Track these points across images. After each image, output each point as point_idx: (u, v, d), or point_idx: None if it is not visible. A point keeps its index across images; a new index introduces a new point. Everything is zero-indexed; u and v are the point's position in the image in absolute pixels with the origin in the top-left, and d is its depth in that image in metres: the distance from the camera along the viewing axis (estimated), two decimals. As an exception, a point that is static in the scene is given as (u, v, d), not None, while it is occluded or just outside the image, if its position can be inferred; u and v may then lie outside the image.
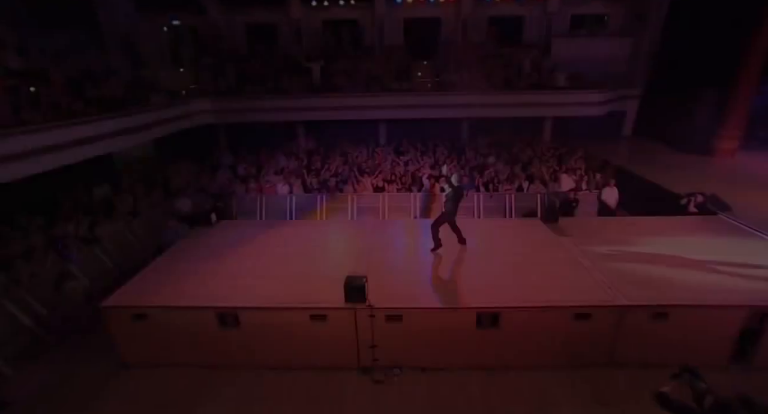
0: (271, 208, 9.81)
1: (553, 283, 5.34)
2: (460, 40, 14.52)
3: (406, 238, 7.19)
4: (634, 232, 6.89)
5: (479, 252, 6.46)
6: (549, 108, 12.90)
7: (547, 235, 6.92)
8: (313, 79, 13.24)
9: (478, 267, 6.01)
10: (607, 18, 14.71)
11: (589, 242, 6.50)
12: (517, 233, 7.07)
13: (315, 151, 12.93)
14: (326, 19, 14.92)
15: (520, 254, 6.22)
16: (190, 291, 5.35)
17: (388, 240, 7.03)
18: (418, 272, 5.94)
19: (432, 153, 12.25)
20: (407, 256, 6.49)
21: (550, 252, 6.27)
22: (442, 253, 6.42)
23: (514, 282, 5.42)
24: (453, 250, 6.52)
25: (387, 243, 6.90)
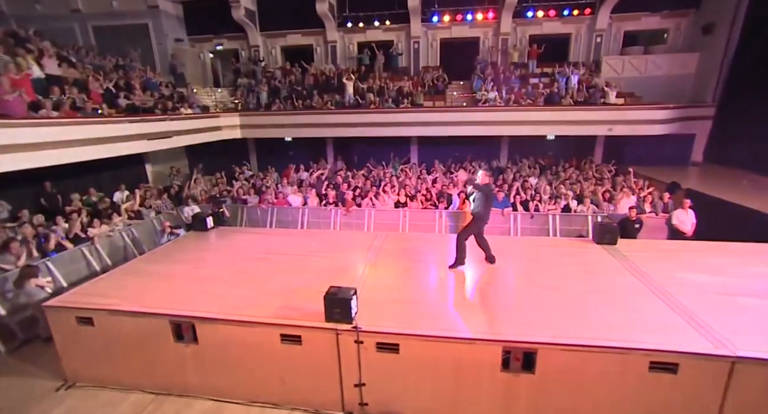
0: (283, 219, 9.08)
1: (617, 317, 3.85)
2: (499, 60, 13.73)
3: (421, 252, 5.97)
4: (725, 258, 5.20)
5: (513, 272, 5.10)
6: (600, 126, 11.42)
7: (605, 256, 5.41)
8: (345, 96, 12.88)
9: (509, 290, 4.65)
10: (666, 35, 13.32)
11: (664, 268, 4.92)
12: (565, 253, 5.62)
13: (341, 169, 12.30)
14: (361, 42, 14.87)
15: (568, 277, 4.77)
16: (152, 295, 4.47)
17: (400, 253, 5.85)
18: (428, 291, 4.69)
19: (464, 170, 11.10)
20: (419, 271, 5.25)
21: (610, 277, 4.77)
22: (464, 272, 5.12)
23: (558, 311, 3.99)
24: (478, 268, 5.22)
25: (397, 256, 5.73)
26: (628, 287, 4.51)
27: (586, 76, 12.53)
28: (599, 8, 12.74)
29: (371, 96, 12.77)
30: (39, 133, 6.63)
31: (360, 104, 12.65)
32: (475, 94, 12.63)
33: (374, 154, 13.18)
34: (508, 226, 8.48)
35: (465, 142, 13.31)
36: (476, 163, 12.15)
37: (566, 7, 12.87)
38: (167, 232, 6.62)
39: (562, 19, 13.25)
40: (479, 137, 13.14)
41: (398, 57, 14.60)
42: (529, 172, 10.89)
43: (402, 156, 13.57)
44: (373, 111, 12.43)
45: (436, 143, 13.80)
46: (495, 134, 12.66)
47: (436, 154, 13.36)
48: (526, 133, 11.95)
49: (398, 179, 10.55)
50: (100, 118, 8.07)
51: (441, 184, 9.95)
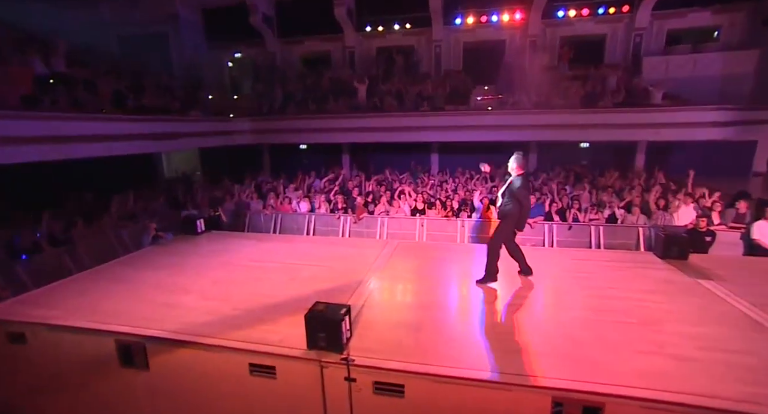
0: (288, 226, 8.28)
1: (711, 357, 2.71)
2: (527, 64, 12.78)
3: (439, 264, 4.96)
4: None
5: (557, 290, 4.01)
6: (643, 130, 10.16)
7: (678, 274, 4.24)
8: (358, 99, 12.24)
9: (556, 314, 3.55)
10: (718, 32, 12.04)
11: (763, 292, 3.71)
12: (622, 268, 4.47)
13: (357, 176, 11.47)
14: (381, 46, 14.33)
15: (637, 301, 3.64)
16: (104, 307, 3.66)
17: (413, 264, 4.86)
18: (446, 313, 3.66)
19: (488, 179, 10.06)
20: (435, 287, 4.23)
21: (695, 301, 3.61)
22: (495, 288, 4.08)
23: (631, 348, 2.88)
24: (512, 283, 4.17)
25: (409, 267, 4.74)
26: (718, 315, 3.34)
27: (624, 78, 11.36)
28: (639, 5, 11.68)
29: (390, 100, 12.05)
30: (29, 126, 6.17)
31: (377, 107, 11.93)
32: (501, 97, 11.67)
33: (391, 162, 12.31)
34: (541, 238, 7.35)
35: (490, 149, 12.27)
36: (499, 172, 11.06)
37: (601, 5, 11.89)
38: (152, 234, 5.90)
39: (596, 19, 12.25)
40: (505, 144, 12.09)
41: (418, 63, 13.93)
42: (563, 181, 9.70)
43: (423, 165, 12.67)
44: (391, 114, 11.68)
45: (457, 151, 12.84)
46: (523, 139, 11.57)
47: (458, 162, 12.36)
48: (559, 138, 10.83)
49: (415, 186, 9.62)
50: (98, 115, 7.62)
51: (463, 191, 8.93)
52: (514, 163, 4.05)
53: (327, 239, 6.18)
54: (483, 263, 4.18)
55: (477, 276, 4.22)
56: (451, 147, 12.91)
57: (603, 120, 10.24)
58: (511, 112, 10.95)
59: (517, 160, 4.04)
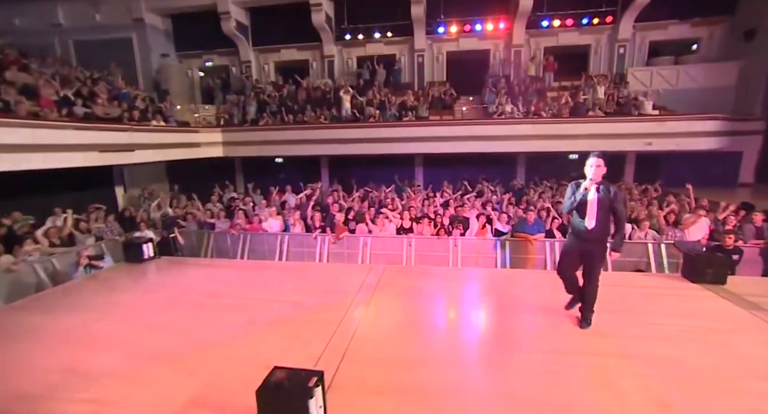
0: (257, 249, 7.29)
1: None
2: (512, 74, 12.46)
3: (438, 297, 4.13)
4: None
5: (601, 333, 3.23)
6: (633, 140, 9.81)
7: (725, 304, 3.56)
8: (343, 111, 11.52)
9: (593, 360, 2.75)
10: (697, 44, 12.06)
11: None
12: (658, 298, 3.76)
13: (335, 190, 10.59)
14: (361, 56, 13.77)
15: (693, 345, 2.90)
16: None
17: (404, 295, 4.01)
18: (455, 377, 2.79)
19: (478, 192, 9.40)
20: (437, 334, 3.39)
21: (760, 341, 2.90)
22: (522, 331, 3.28)
23: (687, 406, 2.11)
24: (542, 316, 3.38)
25: (400, 299, 3.89)
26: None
27: (612, 89, 11.09)
28: (621, 17, 11.58)
29: (371, 110, 11.38)
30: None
31: (357, 118, 11.23)
32: (488, 108, 11.20)
33: (374, 176, 11.54)
34: (543, 257, 6.64)
35: (476, 161, 11.76)
36: (492, 184, 10.45)
37: (585, 16, 11.73)
38: (83, 263, 4.84)
39: (580, 29, 12.08)
40: (492, 157, 11.60)
41: (400, 72, 13.41)
42: (555, 193, 9.14)
43: (408, 179, 11.92)
44: (372, 125, 11.01)
45: (443, 164, 12.27)
46: (512, 150, 11.09)
47: (443, 176, 11.68)
48: (548, 149, 10.37)
49: (401, 201, 8.83)
50: (31, 121, 6.54)
51: (453, 206, 8.19)
52: (604, 167, 3.10)
53: (301, 265, 5.27)
54: (484, 292, 3.39)
55: (482, 310, 3.42)
56: (436, 160, 12.32)
57: (594, 130, 9.87)
58: (499, 122, 10.45)
59: (597, 160, 3.10)
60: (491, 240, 6.79)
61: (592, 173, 3.12)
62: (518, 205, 8.23)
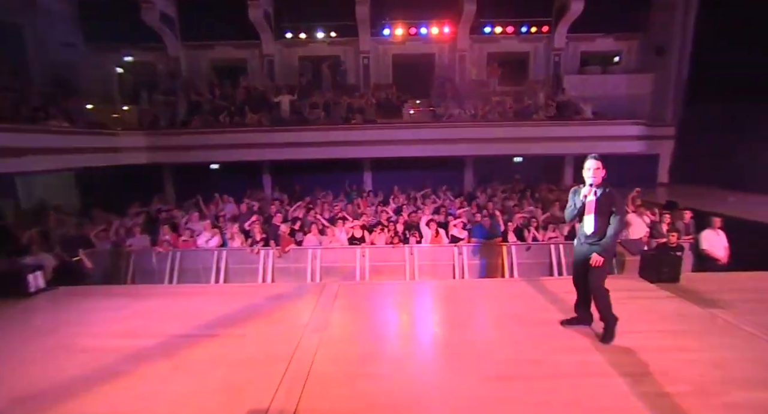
0: (190, 268, 6.37)
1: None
2: (458, 78, 12.57)
3: (401, 317, 3.70)
4: None
5: (571, 349, 2.98)
6: (573, 144, 10.30)
7: (686, 304, 3.56)
8: (282, 113, 10.75)
9: (576, 388, 2.47)
10: (619, 56, 13.13)
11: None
12: (625, 301, 3.63)
13: (277, 199, 9.77)
14: (304, 56, 13.08)
15: (667, 353, 2.77)
16: None
17: (366, 321, 3.53)
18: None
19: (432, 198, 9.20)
20: (408, 366, 2.93)
21: (729, 345, 2.84)
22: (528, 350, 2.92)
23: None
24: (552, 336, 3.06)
25: (361, 327, 3.40)
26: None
27: (550, 94, 11.62)
28: (556, 27, 12.21)
29: (317, 112, 10.76)
30: None
31: (302, 120, 10.55)
32: (436, 111, 11.12)
33: (320, 182, 10.87)
34: (500, 261, 6.53)
35: (426, 165, 11.62)
36: (441, 190, 10.32)
37: (524, 25, 12.20)
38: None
39: (520, 37, 12.55)
40: (441, 161, 11.55)
41: (346, 73, 12.94)
42: (507, 197, 9.24)
43: (357, 184, 11.41)
44: (319, 127, 10.40)
45: (392, 168, 11.92)
46: (461, 154, 11.12)
47: (393, 181, 11.31)
48: (496, 152, 10.54)
49: (351, 209, 8.33)
50: None
51: (407, 212, 7.88)
52: (602, 170, 2.95)
53: (241, 289, 4.54)
54: (448, 306, 3.04)
55: (452, 328, 3.05)
56: (385, 164, 11.96)
57: (539, 133, 10.20)
58: (448, 126, 10.41)
59: (602, 165, 2.95)
60: (448, 247, 6.56)
61: (590, 176, 2.97)
62: (469, 209, 8.14)
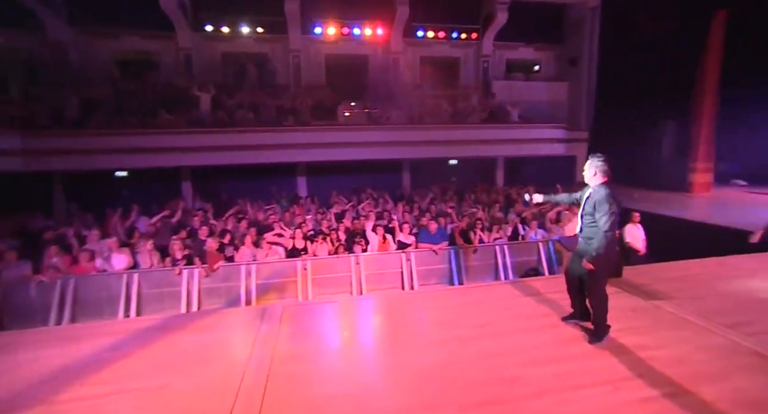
0: (91, 298, 5.25)
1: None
2: (391, 80, 12.47)
3: (365, 340, 3.26)
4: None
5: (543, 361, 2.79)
6: (505, 146, 10.81)
7: (634, 299, 3.68)
8: (201, 113, 9.62)
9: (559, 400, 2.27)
10: (538, 65, 14.18)
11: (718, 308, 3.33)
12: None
13: (201, 209, 8.62)
14: (227, 52, 11.96)
15: (641, 352, 2.70)
16: None
17: (323, 352, 3.02)
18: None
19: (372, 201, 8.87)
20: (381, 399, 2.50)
21: (684, 338, 2.89)
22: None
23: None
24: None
25: (320, 359, 2.88)
26: (733, 354, 2.66)
27: (482, 98, 12.08)
28: (483, 35, 12.75)
29: (243, 113, 9.83)
30: None
31: (227, 122, 9.56)
32: (372, 113, 10.87)
33: (249, 190, 9.83)
34: (446, 266, 6.39)
35: (362, 169, 11.29)
36: (379, 193, 10.05)
37: (454, 30, 12.55)
38: None
39: (451, 42, 12.88)
40: (379, 164, 11.31)
41: (275, 72, 12.10)
42: (447, 199, 9.27)
43: (288, 191, 10.52)
44: (247, 130, 9.50)
45: (327, 173, 11.38)
46: (398, 157, 10.98)
47: (329, 185, 10.72)
48: (434, 154, 10.63)
49: (288, 217, 7.65)
50: None
51: (350, 218, 7.44)
52: (590, 169, 3.00)
53: (159, 321, 3.68)
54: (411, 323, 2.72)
55: (417, 349, 2.70)
56: (320, 168, 11.36)
57: (474, 136, 10.48)
58: (387, 128, 10.19)
59: (595, 164, 2.97)
60: (396, 253, 6.25)
61: (588, 177, 3.04)
62: (411, 213, 7.97)
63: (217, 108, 9.84)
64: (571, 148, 12.84)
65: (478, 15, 12.61)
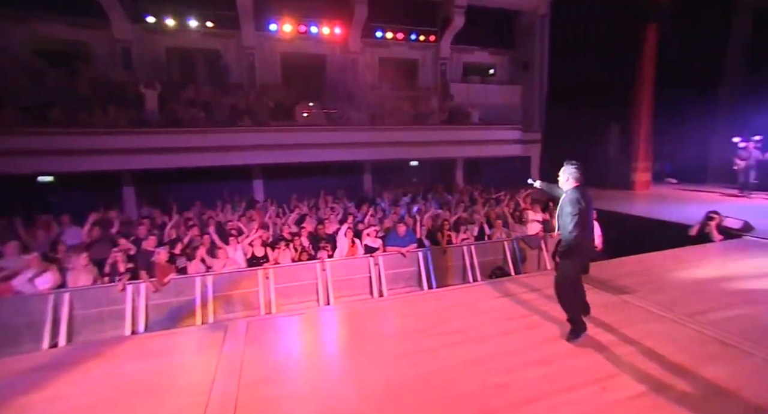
0: (9, 323, 4.47)
1: None
2: (350, 80, 12.24)
3: (343, 360, 3.00)
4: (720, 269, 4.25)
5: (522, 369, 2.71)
6: (465, 147, 10.99)
7: (605, 295, 3.75)
8: (146, 112, 8.79)
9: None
10: (493, 69, 14.63)
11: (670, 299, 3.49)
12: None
13: (147, 217, 7.81)
14: (173, 46, 11.08)
15: (638, 356, 2.71)
16: None
17: (278, 370, 2.73)
18: None
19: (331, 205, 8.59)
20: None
21: (659, 331, 2.95)
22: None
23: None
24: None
25: (275, 384, 2.59)
26: (693, 343, 2.74)
27: (441, 100, 12.20)
28: (442, 37, 12.92)
29: (194, 112, 9.12)
30: None
31: (176, 121, 8.82)
32: (332, 114, 10.57)
33: (201, 195, 9.08)
34: (415, 269, 6.27)
35: (323, 172, 10.96)
36: (341, 196, 9.77)
37: (413, 32, 12.60)
38: None
39: (410, 44, 12.92)
40: (340, 167, 11.04)
41: (228, 70, 11.42)
42: (412, 201, 9.20)
43: (243, 195, 9.78)
44: (198, 130, 8.83)
45: (285, 175, 10.88)
46: (360, 158, 10.75)
47: (287, 189, 10.15)
48: (396, 156, 10.54)
49: (245, 222, 7.15)
50: None
51: (311, 223, 7.10)
52: (564, 175, 3.17)
53: (96, 348, 3.16)
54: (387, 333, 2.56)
55: (397, 361, 2.51)
56: (278, 171, 10.81)
57: (435, 137, 10.52)
58: (348, 129, 9.95)
59: (568, 171, 3.15)
60: (363, 258, 6.03)
61: (561, 182, 3.20)
62: (374, 215, 7.78)
63: (165, 106, 9.03)
64: (527, 149, 13.37)
65: (436, 18, 12.76)
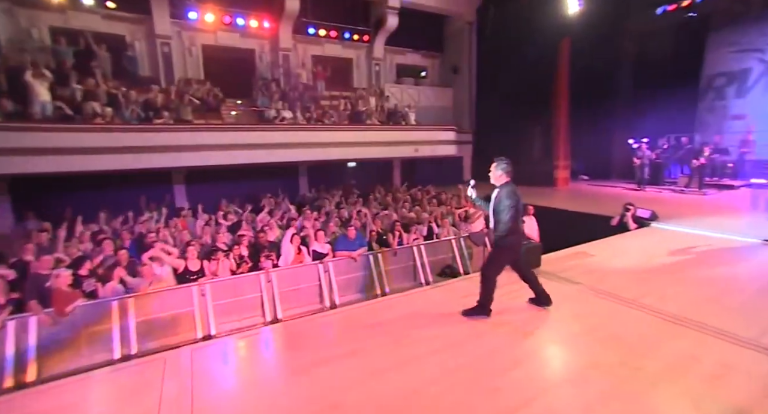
0: None
1: None
2: (282, 78, 11.57)
3: (307, 390, 2.62)
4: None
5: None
6: (403, 147, 11.03)
7: (566, 287, 3.82)
8: (35, 105, 7.27)
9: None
10: (425, 71, 14.98)
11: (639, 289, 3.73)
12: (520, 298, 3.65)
13: (43, 231, 6.40)
14: (60, 27, 9.31)
15: (620, 349, 2.75)
16: None
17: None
18: None
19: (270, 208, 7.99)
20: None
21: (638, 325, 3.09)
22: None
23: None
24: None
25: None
26: (677, 337, 2.90)
27: (377, 101, 12.11)
28: (375, 38, 12.85)
29: (96, 106, 7.78)
30: None
31: (73, 116, 7.45)
32: (263, 112, 9.86)
33: (106, 202, 7.72)
34: (366, 273, 6.02)
35: (254, 174, 10.17)
36: (278, 198, 9.15)
37: (346, 31, 12.32)
38: None
39: (343, 43, 12.64)
40: (273, 168, 10.31)
41: (136, 61, 10.01)
42: (353, 201, 8.93)
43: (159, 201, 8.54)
44: (106, 128, 7.56)
45: (212, 180, 9.90)
46: (296, 159, 10.17)
47: (215, 194, 9.16)
48: (334, 156, 10.16)
49: (170, 232, 6.27)
50: None
51: (248, 230, 6.48)
52: (497, 171, 3.40)
53: None
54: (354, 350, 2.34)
55: (374, 378, 2.27)
56: (202, 174, 9.77)
57: (373, 138, 10.37)
58: (283, 129, 9.35)
59: (501, 166, 3.40)
60: (311, 265, 5.61)
61: (494, 178, 3.42)
62: (318, 219, 7.38)
63: (54, 99, 7.56)
64: (460, 150, 13.90)
65: (370, 18, 12.66)
